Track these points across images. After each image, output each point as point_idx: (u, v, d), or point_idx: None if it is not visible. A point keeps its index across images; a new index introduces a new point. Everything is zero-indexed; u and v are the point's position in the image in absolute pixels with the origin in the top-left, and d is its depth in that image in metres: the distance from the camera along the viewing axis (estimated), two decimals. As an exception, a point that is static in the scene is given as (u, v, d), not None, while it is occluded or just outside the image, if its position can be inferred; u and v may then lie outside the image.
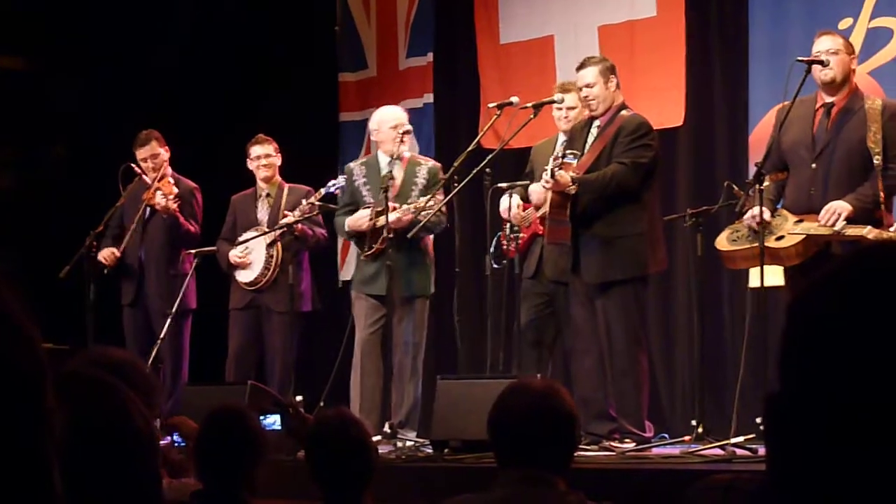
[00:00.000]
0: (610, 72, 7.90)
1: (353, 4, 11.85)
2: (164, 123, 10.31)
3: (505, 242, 8.38)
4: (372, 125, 9.14)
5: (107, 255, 9.66)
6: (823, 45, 7.26)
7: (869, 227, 6.85)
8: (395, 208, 8.47)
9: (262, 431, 4.47)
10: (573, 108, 8.37)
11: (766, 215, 7.16)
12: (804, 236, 7.08)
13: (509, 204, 8.28)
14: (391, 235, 8.44)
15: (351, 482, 4.28)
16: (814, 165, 7.20)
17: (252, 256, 9.38)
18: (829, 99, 7.26)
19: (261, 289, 9.35)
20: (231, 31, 11.93)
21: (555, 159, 7.64)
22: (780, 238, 7.18)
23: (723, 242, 7.50)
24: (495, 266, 8.46)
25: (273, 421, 7.14)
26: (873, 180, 7.00)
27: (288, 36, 12.09)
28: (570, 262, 7.85)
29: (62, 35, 11.48)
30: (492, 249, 8.45)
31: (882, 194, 6.96)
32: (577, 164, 7.69)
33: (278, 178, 9.59)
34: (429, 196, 8.51)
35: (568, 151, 7.74)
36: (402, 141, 8.80)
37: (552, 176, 7.55)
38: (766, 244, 7.07)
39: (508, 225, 8.39)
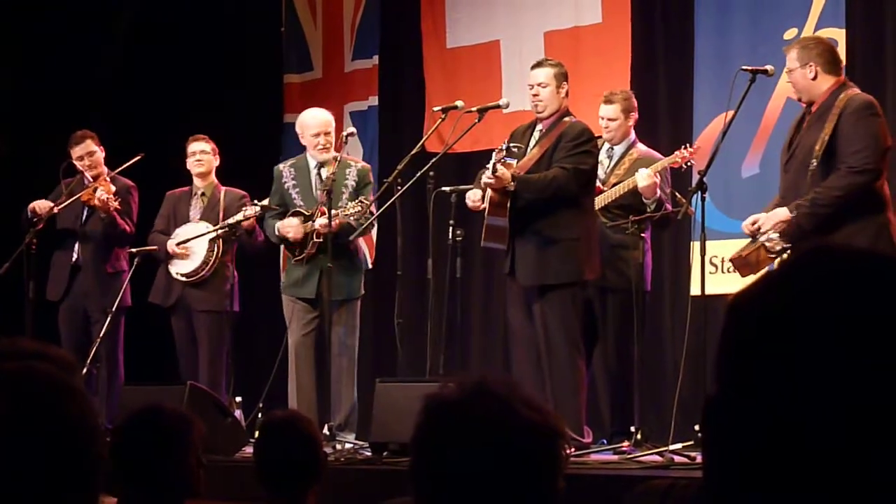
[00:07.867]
0: (563, 78, 7.90)
1: (299, 6, 11.83)
2: (105, 123, 10.24)
3: None
4: (297, 128, 9.04)
5: (42, 206, 9.52)
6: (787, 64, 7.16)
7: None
8: (324, 213, 8.37)
9: (181, 424, 3.91)
10: (614, 119, 8.36)
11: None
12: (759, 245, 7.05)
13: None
14: (321, 240, 8.42)
15: (299, 479, 4.25)
16: (786, 170, 7.13)
17: (192, 248, 9.30)
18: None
19: (195, 282, 9.29)
20: (175, 29, 11.87)
21: (498, 152, 7.62)
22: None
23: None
24: None
25: None
26: (817, 182, 6.86)
27: (233, 36, 12.04)
28: (507, 265, 7.83)
29: (1, 31, 11.39)
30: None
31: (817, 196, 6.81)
32: (519, 165, 7.67)
33: (214, 178, 9.54)
34: (357, 201, 8.45)
35: (512, 145, 7.70)
36: (324, 148, 8.71)
37: (493, 172, 7.54)
38: (741, 253, 7.05)
39: None
